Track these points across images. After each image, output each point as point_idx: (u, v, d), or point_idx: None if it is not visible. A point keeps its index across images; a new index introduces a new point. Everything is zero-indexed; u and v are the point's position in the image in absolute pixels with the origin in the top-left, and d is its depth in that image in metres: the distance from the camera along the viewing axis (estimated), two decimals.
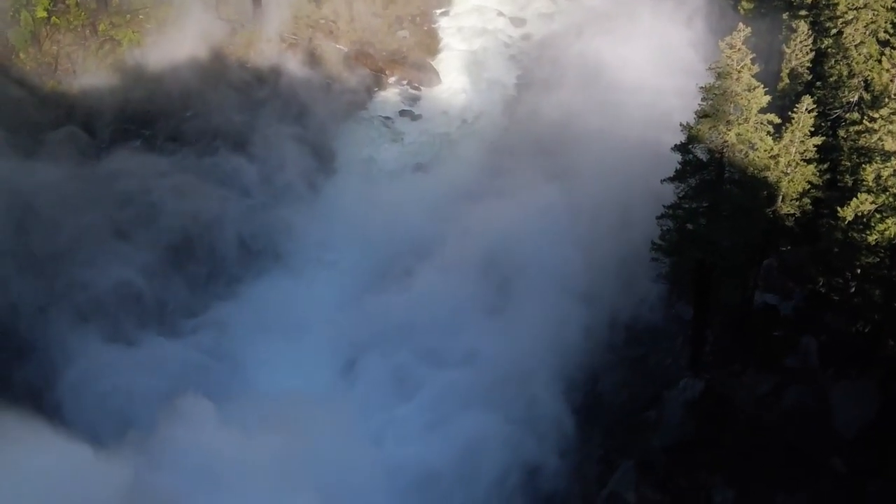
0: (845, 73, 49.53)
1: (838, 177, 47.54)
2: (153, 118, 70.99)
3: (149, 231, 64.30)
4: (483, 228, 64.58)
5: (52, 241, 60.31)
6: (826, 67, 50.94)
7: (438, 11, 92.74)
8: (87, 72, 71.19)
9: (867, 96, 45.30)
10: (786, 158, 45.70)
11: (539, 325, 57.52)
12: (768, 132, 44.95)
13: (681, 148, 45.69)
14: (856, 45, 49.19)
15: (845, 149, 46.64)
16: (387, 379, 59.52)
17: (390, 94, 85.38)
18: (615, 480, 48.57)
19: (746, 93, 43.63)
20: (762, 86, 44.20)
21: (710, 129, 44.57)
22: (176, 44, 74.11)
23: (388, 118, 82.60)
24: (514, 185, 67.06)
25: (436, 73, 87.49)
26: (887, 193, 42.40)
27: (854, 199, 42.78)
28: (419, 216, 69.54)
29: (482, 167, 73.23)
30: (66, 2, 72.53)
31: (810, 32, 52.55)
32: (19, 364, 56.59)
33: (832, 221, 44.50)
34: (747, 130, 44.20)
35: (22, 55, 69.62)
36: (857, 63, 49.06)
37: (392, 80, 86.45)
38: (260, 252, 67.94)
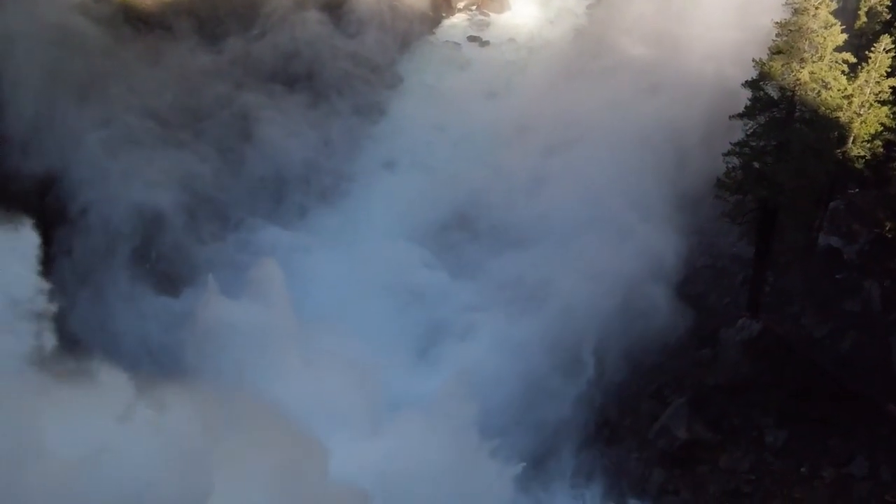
0: None
1: None
2: (221, 35, 71.01)
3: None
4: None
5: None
6: None
7: None
8: None
9: None
10: (859, 99, 44.79)
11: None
12: (843, 71, 43.96)
13: (751, 84, 44.88)
14: None
15: None
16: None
17: (458, 20, 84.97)
18: (667, 416, 48.70)
19: (823, 30, 42.66)
20: (839, 23, 43.15)
21: (782, 66, 43.69)
22: None
23: (456, 44, 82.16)
24: (582, 114, 66.51)
25: None
26: None
27: None
28: (488, 140, 69.48)
29: (552, 94, 72.25)
30: None
31: None
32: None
33: None
34: (821, 69, 43.27)
35: None
36: None
37: (461, 5, 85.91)
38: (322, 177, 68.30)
